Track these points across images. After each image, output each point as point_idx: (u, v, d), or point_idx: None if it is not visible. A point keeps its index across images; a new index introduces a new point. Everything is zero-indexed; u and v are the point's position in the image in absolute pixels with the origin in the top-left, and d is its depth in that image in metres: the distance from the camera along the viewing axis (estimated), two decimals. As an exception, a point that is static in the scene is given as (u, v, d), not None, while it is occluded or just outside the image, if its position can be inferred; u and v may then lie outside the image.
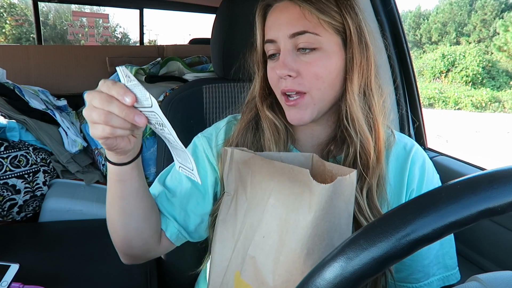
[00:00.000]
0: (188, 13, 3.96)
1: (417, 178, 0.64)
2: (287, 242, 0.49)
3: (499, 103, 11.87)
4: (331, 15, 0.57)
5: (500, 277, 0.31)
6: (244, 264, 0.54)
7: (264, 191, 0.54)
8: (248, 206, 0.56)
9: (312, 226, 0.47)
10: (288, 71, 0.58)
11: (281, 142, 0.65)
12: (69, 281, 0.74)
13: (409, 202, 0.29)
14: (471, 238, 0.90)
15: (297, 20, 0.57)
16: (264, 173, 0.54)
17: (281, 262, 0.49)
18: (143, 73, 1.49)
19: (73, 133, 1.37)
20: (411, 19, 19.59)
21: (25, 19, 13.44)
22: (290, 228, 0.49)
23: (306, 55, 0.58)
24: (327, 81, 0.59)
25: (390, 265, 0.27)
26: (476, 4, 16.91)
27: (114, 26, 16.07)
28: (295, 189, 0.50)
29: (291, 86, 0.59)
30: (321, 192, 0.47)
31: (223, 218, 0.59)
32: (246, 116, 0.68)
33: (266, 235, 0.52)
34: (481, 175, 0.29)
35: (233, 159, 0.58)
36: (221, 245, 0.58)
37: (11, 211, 1.14)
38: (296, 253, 0.48)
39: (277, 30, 0.59)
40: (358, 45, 0.58)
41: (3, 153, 1.14)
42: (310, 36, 0.57)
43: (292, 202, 0.50)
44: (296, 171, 0.50)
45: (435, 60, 14.41)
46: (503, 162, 5.84)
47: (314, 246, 0.48)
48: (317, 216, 0.47)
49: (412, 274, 0.64)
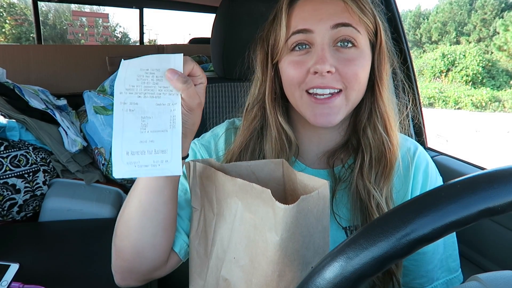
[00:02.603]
0: (188, 13, 3.96)
1: (420, 183, 0.63)
2: (258, 264, 0.47)
3: (499, 102, 11.86)
4: (369, 17, 0.57)
5: (500, 277, 0.31)
6: (218, 285, 0.52)
7: (230, 209, 0.51)
8: (217, 222, 0.53)
9: (280, 248, 0.44)
10: (329, 67, 0.53)
11: (284, 155, 0.61)
12: (69, 280, 0.74)
13: (409, 202, 0.29)
14: (471, 237, 0.90)
15: (342, 13, 0.56)
16: (228, 190, 0.51)
17: (254, 284, 0.47)
18: (143, 73, 1.48)
19: (73, 132, 1.37)
20: (411, 18, 19.58)
21: (25, 18, 13.43)
22: (259, 249, 0.47)
23: (345, 51, 0.56)
24: (362, 82, 0.58)
25: (390, 265, 0.27)
26: (476, 4, 16.89)
27: (114, 25, 16.06)
28: (260, 209, 0.47)
29: (328, 82, 0.54)
30: (285, 214, 0.43)
31: (194, 234, 0.57)
32: (250, 125, 0.63)
33: (236, 256, 0.50)
34: (481, 174, 0.29)
35: (196, 173, 0.55)
36: (198, 261, 0.57)
37: (11, 210, 1.14)
38: (268, 276, 0.46)
39: (316, 20, 0.55)
40: (386, 49, 0.60)
41: (3, 152, 1.14)
42: (353, 30, 0.56)
43: (259, 221, 0.47)
44: (257, 190, 0.46)
45: (435, 60, 14.40)
46: (503, 161, 5.84)
47: (285, 268, 0.45)
48: (284, 238, 0.44)
49: (415, 279, 0.63)
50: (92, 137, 1.39)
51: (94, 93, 1.44)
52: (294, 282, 0.47)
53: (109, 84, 1.48)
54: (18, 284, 0.65)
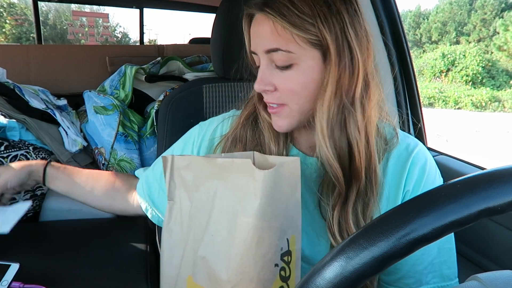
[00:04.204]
0: (188, 13, 3.96)
1: (415, 179, 0.61)
2: (237, 234, 0.50)
3: (499, 102, 11.86)
4: (305, 29, 0.52)
5: (500, 276, 0.31)
6: (195, 267, 0.54)
7: (208, 191, 0.54)
8: (193, 210, 0.56)
9: (259, 213, 0.48)
10: (264, 86, 0.58)
11: (281, 142, 0.65)
12: (70, 280, 0.74)
13: (409, 202, 0.29)
14: (471, 237, 0.90)
15: (270, 36, 0.54)
16: (206, 173, 0.55)
17: (233, 255, 0.50)
18: (143, 73, 1.49)
19: (73, 132, 1.37)
20: (411, 18, 19.58)
21: (25, 18, 13.44)
22: (238, 220, 0.50)
23: (282, 71, 0.56)
24: (304, 96, 0.57)
25: (390, 265, 0.27)
26: (476, 4, 16.89)
27: (114, 25, 16.08)
28: (239, 181, 0.51)
29: (270, 99, 0.59)
30: (265, 178, 0.48)
31: (167, 226, 0.59)
32: (244, 112, 0.69)
33: (214, 233, 0.52)
34: (481, 174, 0.29)
35: (174, 166, 0.58)
36: (169, 254, 0.58)
37: (11, 210, 1.14)
38: (247, 243, 0.49)
39: (255, 43, 0.58)
40: (338, 60, 0.53)
41: (3, 152, 1.14)
42: (282, 53, 0.54)
43: (237, 194, 0.51)
44: (237, 163, 0.51)
45: (435, 60, 14.40)
46: (503, 161, 5.84)
47: (264, 233, 0.49)
48: (263, 202, 0.48)
49: (403, 278, 0.61)
50: (92, 137, 1.39)
51: (94, 93, 1.44)
52: (272, 250, 0.50)
53: (109, 84, 1.48)
54: (18, 284, 0.65)
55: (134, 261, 0.82)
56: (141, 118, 1.41)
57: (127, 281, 0.76)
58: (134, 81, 1.40)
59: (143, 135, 1.37)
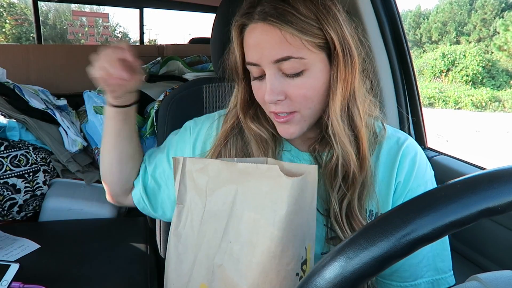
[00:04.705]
0: (188, 13, 3.96)
1: (405, 170, 0.62)
2: (259, 242, 0.48)
3: (499, 102, 11.87)
4: (313, 33, 0.54)
5: (500, 276, 0.31)
6: (210, 274, 0.51)
7: (226, 196, 0.52)
8: (207, 215, 0.54)
9: (286, 221, 0.47)
10: (276, 97, 0.56)
11: (270, 150, 0.64)
12: (69, 280, 0.74)
13: (409, 202, 0.29)
14: (471, 237, 0.90)
15: (279, 45, 0.54)
16: (224, 177, 0.53)
17: (254, 264, 0.48)
18: (143, 73, 1.48)
19: (73, 132, 1.37)
20: (411, 18, 19.59)
21: (25, 18, 13.44)
22: (261, 228, 0.48)
23: (292, 79, 0.56)
24: (316, 99, 0.58)
25: (390, 265, 0.27)
26: (476, 4, 16.89)
27: (114, 25, 16.09)
28: (263, 187, 0.49)
29: (281, 109, 0.58)
30: (292, 186, 0.47)
31: (176, 231, 0.57)
32: (225, 126, 0.67)
33: (233, 240, 0.50)
34: (481, 174, 0.29)
35: (185, 168, 0.56)
36: (177, 260, 0.56)
37: (11, 210, 1.14)
38: (271, 252, 0.47)
39: (259, 54, 0.56)
40: (343, 59, 0.56)
41: (3, 152, 1.14)
42: (294, 61, 0.54)
43: (261, 201, 0.49)
44: (262, 168, 0.49)
45: (435, 60, 14.40)
46: (503, 161, 5.84)
47: (289, 243, 0.47)
48: (290, 210, 0.47)
49: (398, 271, 0.62)
50: (92, 137, 1.39)
51: (94, 93, 1.44)
52: (294, 259, 0.49)
53: (109, 84, 1.48)
54: (18, 284, 0.65)
55: (134, 261, 0.82)
56: (141, 118, 1.41)
57: (127, 281, 0.76)
58: (134, 81, 1.40)
59: (143, 135, 1.37)
